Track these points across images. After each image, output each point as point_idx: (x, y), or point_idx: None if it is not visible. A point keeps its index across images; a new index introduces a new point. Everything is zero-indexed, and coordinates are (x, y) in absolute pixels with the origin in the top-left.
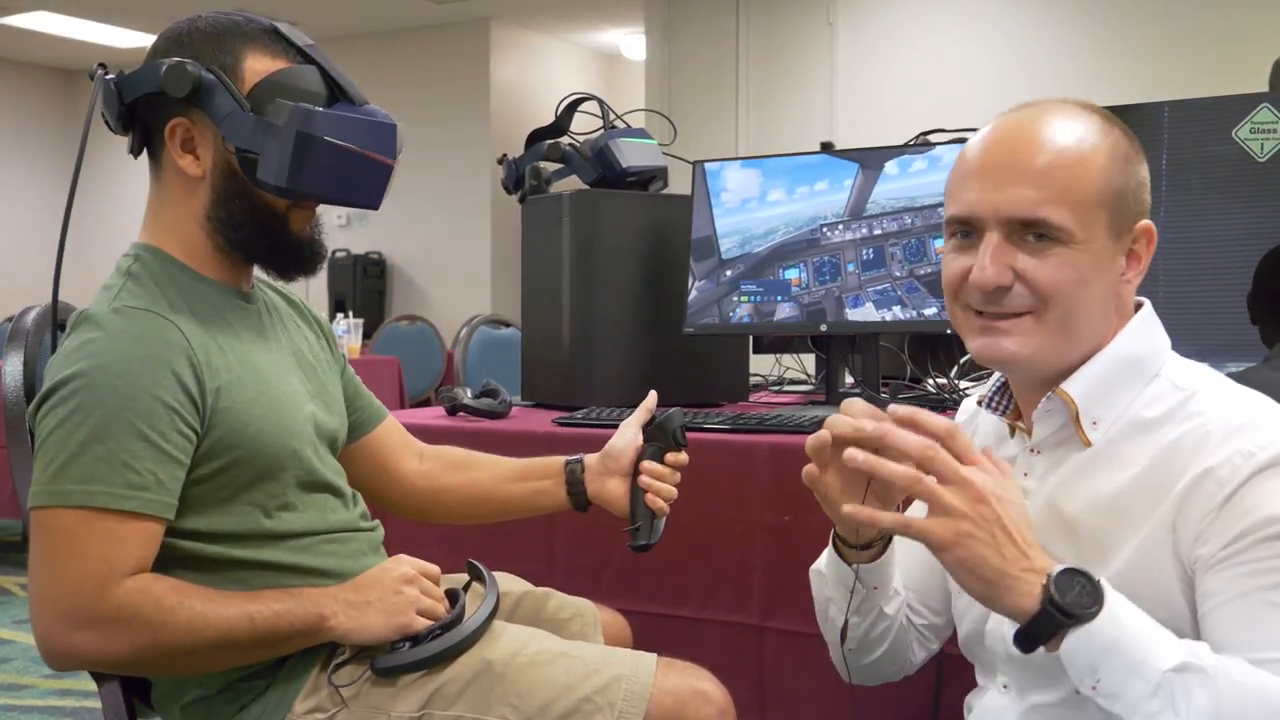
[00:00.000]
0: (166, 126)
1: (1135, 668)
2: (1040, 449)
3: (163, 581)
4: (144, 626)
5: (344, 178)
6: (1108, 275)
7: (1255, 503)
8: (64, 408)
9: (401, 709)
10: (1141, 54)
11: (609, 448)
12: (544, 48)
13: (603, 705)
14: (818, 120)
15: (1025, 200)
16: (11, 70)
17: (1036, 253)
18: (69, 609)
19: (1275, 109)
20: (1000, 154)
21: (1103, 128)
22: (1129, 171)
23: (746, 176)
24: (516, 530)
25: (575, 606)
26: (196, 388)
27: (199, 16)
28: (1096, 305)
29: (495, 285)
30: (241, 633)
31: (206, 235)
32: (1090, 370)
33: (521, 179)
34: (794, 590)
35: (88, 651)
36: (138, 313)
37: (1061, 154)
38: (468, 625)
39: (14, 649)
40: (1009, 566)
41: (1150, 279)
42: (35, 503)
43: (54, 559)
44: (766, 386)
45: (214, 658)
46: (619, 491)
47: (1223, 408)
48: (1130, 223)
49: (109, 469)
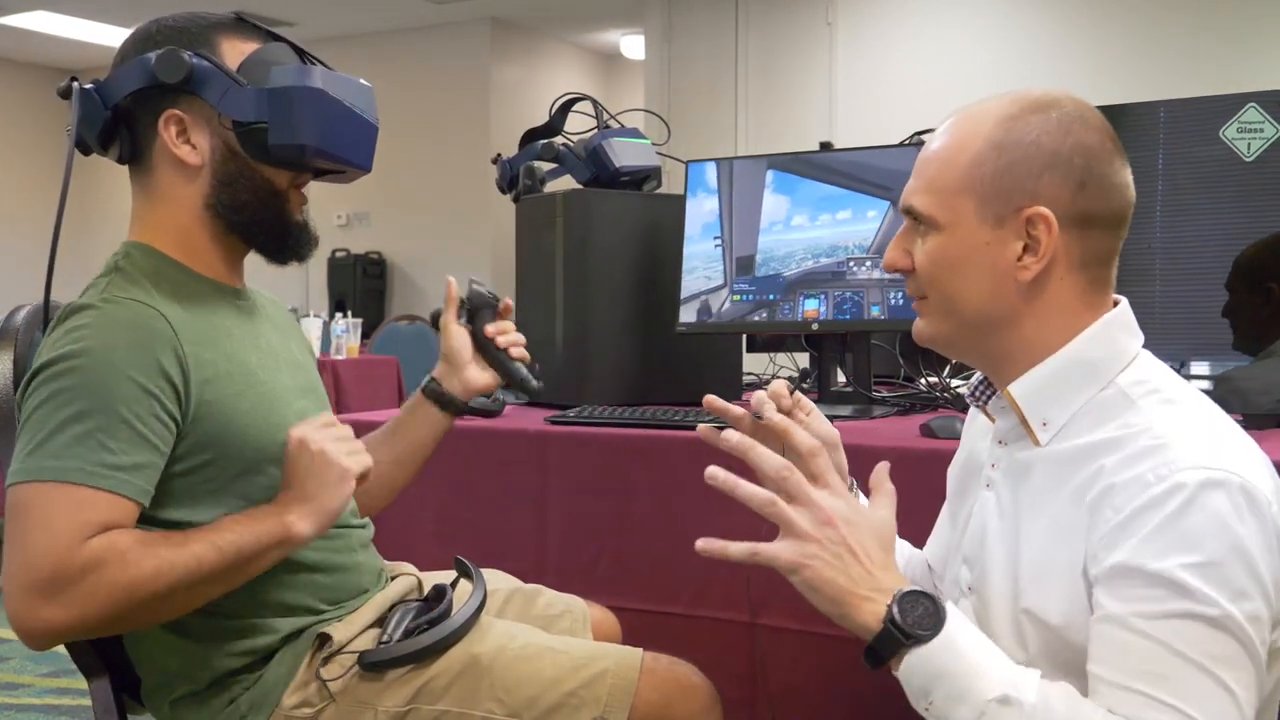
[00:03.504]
0: (160, 119)
1: (963, 694)
2: (1004, 441)
3: (126, 534)
4: (111, 580)
5: (346, 136)
6: (988, 262)
7: (1144, 538)
8: (46, 388)
9: (389, 703)
10: (1141, 54)
11: (446, 351)
12: (544, 48)
13: (589, 700)
14: (817, 120)
15: (908, 189)
16: (11, 70)
17: (920, 239)
18: (34, 580)
19: (1262, 109)
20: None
21: (1008, 117)
22: (1014, 158)
23: (777, 200)
24: (508, 528)
25: (565, 603)
26: (181, 378)
27: (162, 17)
28: (982, 291)
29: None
30: (210, 562)
31: (204, 225)
32: (1039, 372)
33: (515, 179)
34: (785, 587)
35: (57, 621)
36: (126, 301)
37: (943, 145)
38: (455, 620)
39: (11, 648)
40: (855, 587)
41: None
42: (11, 480)
43: (23, 533)
44: (760, 385)
45: (190, 595)
46: (481, 373)
47: (1155, 423)
48: (1012, 210)
49: (86, 448)
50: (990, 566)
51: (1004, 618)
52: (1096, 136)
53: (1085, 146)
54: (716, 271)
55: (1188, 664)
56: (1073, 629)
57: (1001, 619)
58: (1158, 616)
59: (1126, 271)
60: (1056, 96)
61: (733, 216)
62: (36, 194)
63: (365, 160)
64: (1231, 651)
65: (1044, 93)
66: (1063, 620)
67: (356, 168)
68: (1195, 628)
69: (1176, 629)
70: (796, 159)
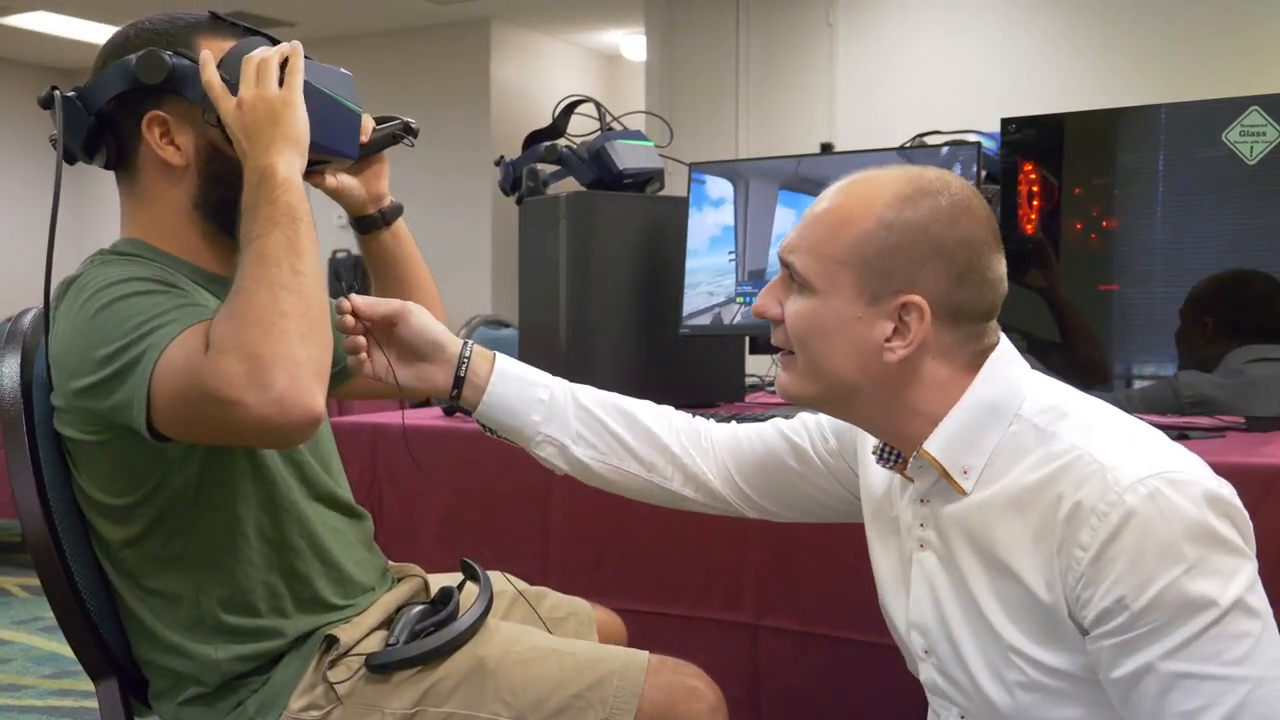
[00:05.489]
0: (143, 121)
1: None
2: (926, 499)
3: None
4: (240, 338)
5: (331, 125)
6: (855, 337)
7: (1119, 574)
8: (103, 315)
9: (396, 705)
10: (1142, 55)
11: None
12: (544, 48)
13: (595, 702)
14: (817, 121)
15: (788, 244)
16: (11, 70)
17: (793, 295)
18: (242, 387)
19: (1265, 112)
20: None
21: (901, 197)
22: (901, 241)
23: (784, 213)
24: (513, 529)
25: (570, 605)
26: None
27: (137, 21)
28: (848, 363)
29: (495, 285)
30: (270, 248)
31: (194, 224)
32: (947, 427)
33: (518, 180)
34: (788, 589)
35: (283, 389)
36: (129, 258)
37: (832, 211)
38: (461, 623)
39: (13, 649)
40: None
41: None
42: (142, 383)
43: (190, 379)
44: (763, 387)
45: (297, 276)
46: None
47: (1082, 448)
48: (890, 291)
49: (164, 305)
50: (952, 624)
51: (979, 664)
52: (981, 230)
53: (969, 239)
54: (722, 286)
55: (1228, 677)
56: (1054, 657)
57: (977, 665)
58: (1174, 653)
59: (1127, 272)
60: (948, 181)
61: (746, 231)
62: (37, 194)
63: (350, 148)
64: (1251, 627)
65: (937, 175)
66: (1045, 651)
67: (342, 156)
68: (1213, 642)
69: (1197, 653)
70: (805, 180)
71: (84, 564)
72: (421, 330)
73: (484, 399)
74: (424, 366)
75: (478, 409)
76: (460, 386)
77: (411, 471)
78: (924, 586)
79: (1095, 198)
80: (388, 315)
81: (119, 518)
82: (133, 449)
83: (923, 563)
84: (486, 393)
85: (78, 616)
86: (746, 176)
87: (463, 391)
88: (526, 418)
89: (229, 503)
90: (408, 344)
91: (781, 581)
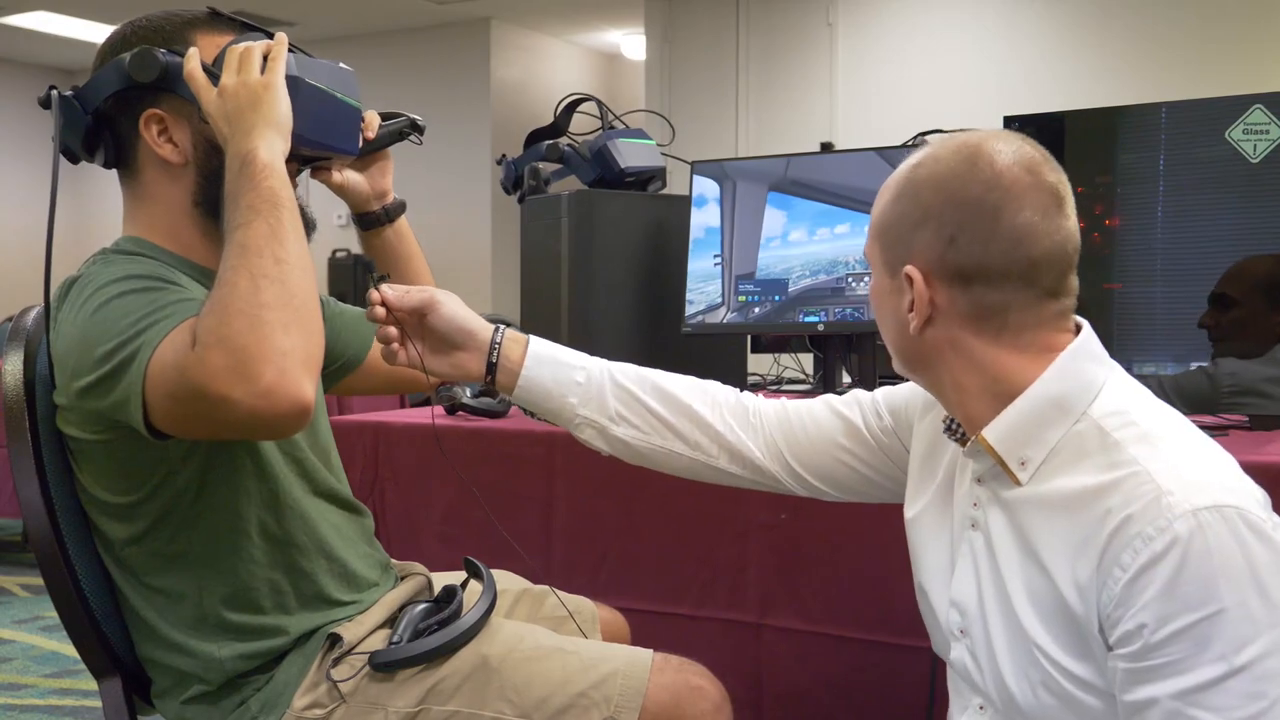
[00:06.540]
0: (140, 119)
1: None
2: (983, 480)
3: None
4: (242, 323)
5: (327, 121)
6: (891, 309)
7: (1147, 601)
8: (103, 311)
9: (399, 704)
10: (1144, 54)
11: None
12: (544, 48)
13: (599, 700)
14: (818, 120)
15: None
16: (11, 70)
17: None
18: (227, 380)
19: (1268, 110)
20: None
21: (914, 165)
22: (901, 210)
23: (774, 215)
24: (515, 529)
25: (573, 604)
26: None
27: (135, 19)
28: (891, 334)
29: (496, 284)
30: (252, 238)
31: (195, 222)
32: (1009, 416)
33: (520, 179)
34: (791, 587)
35: (271, 378)
36: (129, 256)
37: (882, 187)
38: (465, 621)
39: (14, 649)
40: None
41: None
42: (138, 374)
43: (179, 375)
44: (765, 386)
45: (280, 265)
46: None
47: (1142, 464)
48: (899, 261)
49: (155, 302)
50: (988, 609)
51: (1005, 654)
52: (983, 186)
53: (960, 200)
54: (708, 291)
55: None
56: (1078, 665)
57: (1004, 655)
58: (1183, 696)
59: (1130, 271)
60: (976, 140)
61: (734, 234)
62: (38, 194)
63: (350, 144)
64: (1271, 690)
65: (968, 138)
66: (1070, 658)
67: (341, 152)
68: (1225, 695)
69: (1207, 702)
70: (795, 183)
71: (87, 563)
72: (452, 318)
73: (518, 384)
74: (457, 354)
75: (513, 394)
76: (494, 373)
77: (414, 471)
78: (969, 565)
79: (1097, 196)
80: (418, 306)
81: (122, 516)
82: (135, 448)
83: (972, 542)
84: (521, 378)
85: (81, 615)
86: (735, 177)
87: (496, 377)
88: (563, 400)
89: (231, 500)
90: (439, 333)
91: (785, 580)
